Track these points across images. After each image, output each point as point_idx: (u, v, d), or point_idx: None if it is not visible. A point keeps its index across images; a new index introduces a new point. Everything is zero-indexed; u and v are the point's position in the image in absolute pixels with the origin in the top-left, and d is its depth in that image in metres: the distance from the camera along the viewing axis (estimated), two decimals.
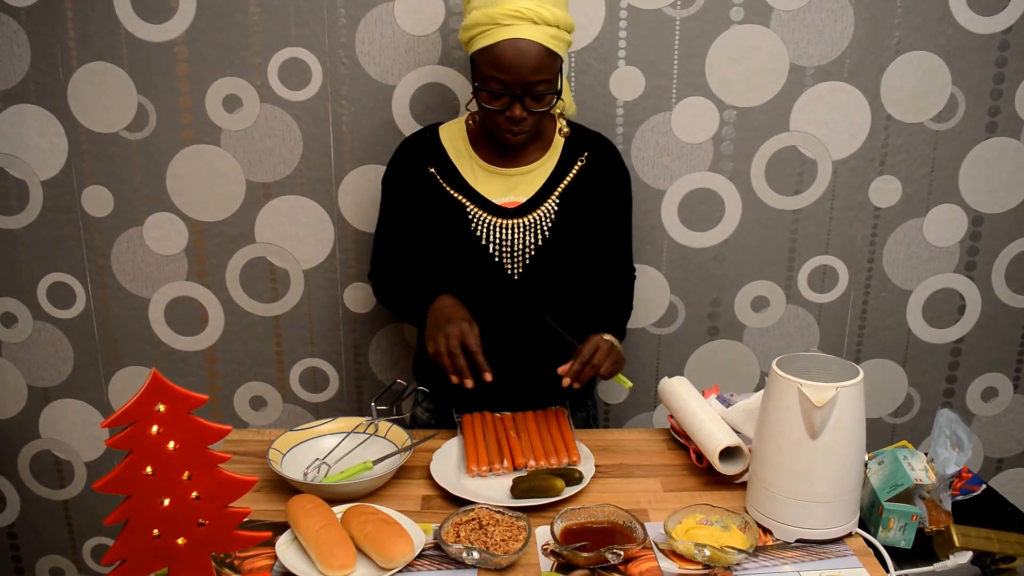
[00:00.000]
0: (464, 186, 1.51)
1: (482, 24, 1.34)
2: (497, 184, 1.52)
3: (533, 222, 1.51)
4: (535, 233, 1.51)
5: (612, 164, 1.57)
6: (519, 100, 1.37)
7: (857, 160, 1.83)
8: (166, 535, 1.00)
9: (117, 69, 1.74)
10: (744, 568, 1.13)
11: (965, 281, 1.93)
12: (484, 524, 1.17)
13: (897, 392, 2.01)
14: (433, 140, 1.55)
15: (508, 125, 1.41)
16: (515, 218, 1.51)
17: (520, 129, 1.42)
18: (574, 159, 1.54)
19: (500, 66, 1.34)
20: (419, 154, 1.55)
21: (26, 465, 2.05)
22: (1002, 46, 1.76)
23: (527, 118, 1.40)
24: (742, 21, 1.73)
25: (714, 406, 1.42)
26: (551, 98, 1.40)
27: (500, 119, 1.41)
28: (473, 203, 1.51)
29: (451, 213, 1.51)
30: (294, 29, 1.72)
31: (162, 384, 0.94)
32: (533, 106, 1.39)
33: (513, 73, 1.34)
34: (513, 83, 1.35)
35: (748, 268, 1.90)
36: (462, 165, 1.53)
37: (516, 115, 1.38)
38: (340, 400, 1.99)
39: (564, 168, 1.53)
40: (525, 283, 1.52)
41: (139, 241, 1.86)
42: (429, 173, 1.53)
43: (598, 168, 1.55)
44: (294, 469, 1.34)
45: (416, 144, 1.56)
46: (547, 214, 1.51)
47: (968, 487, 1.35)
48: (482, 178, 1.52)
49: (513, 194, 1.52)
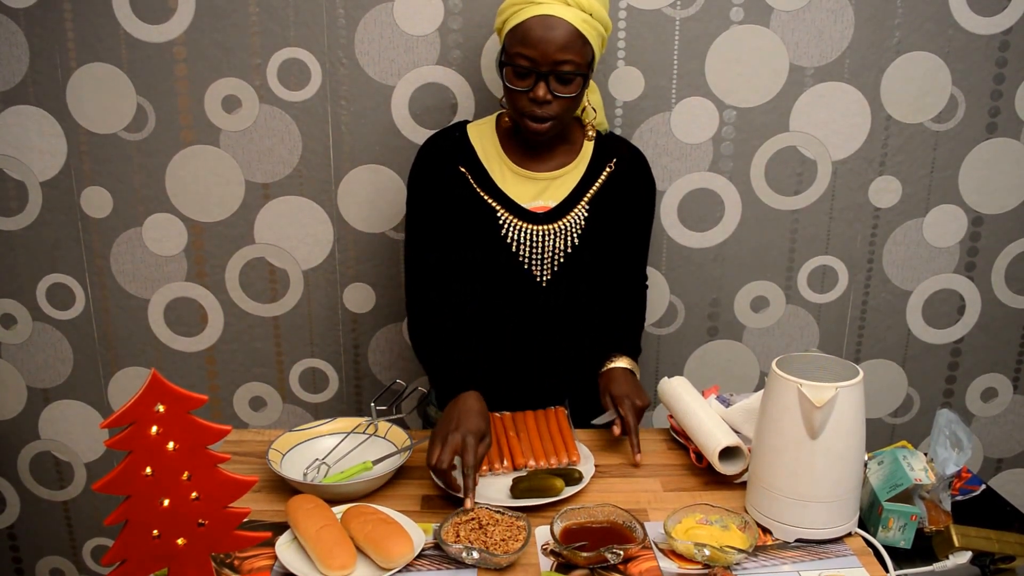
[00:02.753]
0: (494, 189, 1.48)
1: (516, 4, 1.34)
2: (527, 188, 1.49)
3: (564, 228, 1.48)
4: (565, 239, 1.48)
5: (640, 172, 1.56)
6: (544, 79, 1.35)
7: (857, 160, 1.83)
8: (166, 535, 1.00)
9: (116, 70, 1.74)
10: (744, 568, 1.13)
11: (965, 282, 1.93)
12: (484, 524, 1.17)
13: (897, 392, 2.01)
14: (462, 139, 1.51)
15: (531, 108, 1.37)
16: (546, 224, 1.48)
17: (544, 114, 1.37)
18: (603, 165, 1.52)
19: (527, 41, 1.33)
20: (449, 152, 1.50)
21: (26, 466, 2.05)
22: (1002, 47, 1.76)
23: (551, 102, 1.36)
24: (742, 21, 1.73)
25: (714, 406, 1.42)
26: (577, 85, 1.37)
27: (524, 102, 1.37)
28: (503, 207, 1.47)
29: (481, 217, 1.47)
30: (293, 29, 1.72)
31: (162, 384, 0.94)
32: (558, 89, 1.36)
33: (540, 48, 1.32)
34: (539, 59, 1.33)
35: (748, 268, 1.90)
36: (492, 167, 1.49)
37: (540, 95, 1.35)
38: (340, 400, 1.99)
39: (593, 173, 1.51)
40: (553, 289, 1.50)
41: (138, 242, 1.86)
42: (460, 172, 1.48)
43: (626, 175, 1.53)
44: (294, 469, 1.34)
45: (445, 142, 1.52)
46: (577, 220, 1.48)
47: (968, 487, 1.35)
48: (511, 181, 1.49)
49: (542, 198, 1.49)
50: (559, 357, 1.55)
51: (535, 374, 1.55)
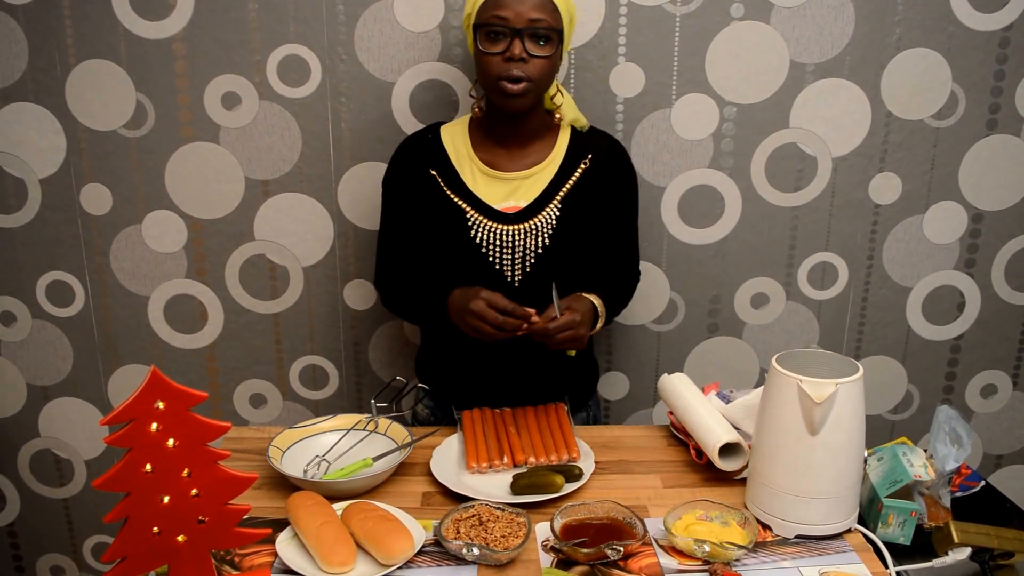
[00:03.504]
0: (464, 190, 1.50)
1: None
2: (497, 188, 1.50)
3: (534, 228, 1.48)
4: (536, 239, 1.49)
5: (618, 163, 1.55)
6: (519, 36, 1.37)
7: (857, 157, 1.83)
8: (166, 532, 1.00)
9: (115, 66, 1.74)
10: (743, 564, 1.13)
11: (965, 278, 1.93)
12: (484, 520, 1.17)
13: (897, 389, 2.01)
14: (434, 141, 1.54)
15: (507, 68, 1.38)
16: (515, 224, 1.49)
17: (520, 73, 1.38)
18: (577, 162, 1.52)
19: (501, 3, 1.37)
20: (420, 155, 1.53)
21: (26, 464, 2.05)
22: (1003, 43, 1.76)
23: (528, 60, 1.38)
24: (742, 18, 1.73)
25: (714, 402, 1.42)
26: (551, 47, 1.39)
27: (499, 64, 1.39)
28: (473, 208, 1.49)
29: (451, 217, 1.49)
30: (293, 26, 1.72)
31: (161, 381, 0.94)
32: (533, 49, 1.38)
33: (514, 8, 1.36)
34: (513, 18, 1.37)
35: (748, 265, 1.90)
36: (462, 168, 1.51)
37: (516, 53, 1.37)
38: (340, 397, 1.99)
39: (567, 172, 1.51)
40: (525, 290, 1.50)
41: (138, 239, 1.86)
42: (431, 175, 1.51)
43: (603, 169, 1.53)
44: (294, 466, 1.34)
45: (417, 144, 1.55)
46: (548, 220, 1.49)
47: (967, 483, 1.35)
48: (482, 182, 1.50)
49: (514, 199, 1.50)
50: (534, 356, 1.52)
51: (508, 372, 1.55)
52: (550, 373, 1.56)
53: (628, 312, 1.91)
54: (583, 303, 1.44)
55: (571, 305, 1.40)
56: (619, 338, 1.95)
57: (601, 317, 1.48)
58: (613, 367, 1.97)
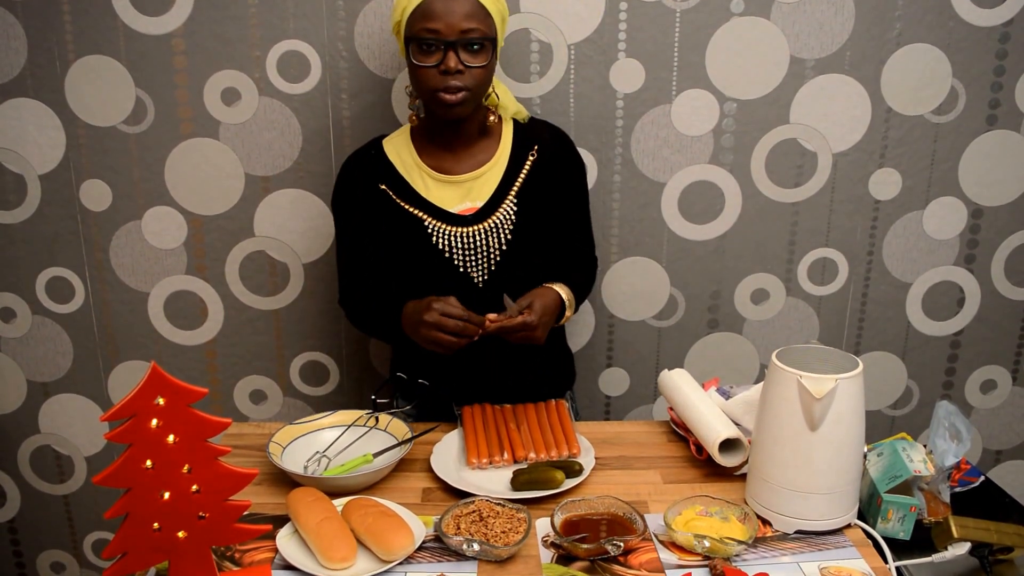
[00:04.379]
0: (418, 199, 1.49)
1: None
2: (451, 192, 1.49)
3: (493, 226, 1.48)
4: (497, 237, 1.48)
5: (565, 152, 1.55)
6: (452, 48, 1.35)
7: (857, 153, 1.83)
8: (166, 528, 1.00)
9: (114, 62, 1.74)
10: (743, 559, 1.13)
11: (964, 274, 1.93)
12: (484, 516, 1.17)
13: (896, 384, 2.01)
14: (379, 156, 1.52)
15: (443, 80, 1.36)
16: (474, 225, 1.48)
17: (456, 84, 1.36)
18: (524, 155, 1.51)
19: (431, 15, 1.34)
20: (368, 172, 1.52)
21: (26, 460, 2.05)
22: (1003, 39, 1.76)
23: (463, 71, 1.36)
24: (742, 13, 1.72)
25: (714, 398, 1.42)
26: (486, 55, 1.37)
27: (434, 77, 1.37)
28: (430, 215, 1.48)
29: (409, 228, 1.48)
30: (292, 22, 1.72)
31: (161, 377, 0.94)
32: (468, 59, 1.36)
33: (445, 20, 1.33)
34: (445, 30, 1.34)
35: (748, 261, 1.90)
36: (412, 178, 1.50)
37: (451, 66, 1.34)
38: (340, 393, 1.99)
39: (516, 166, 1.51)
40: (491, 289, 1.50)
41: (138, 235, 1.86)
42: (381, 190, 1.50)
43: (552, 159, 1.53)
44: (294, 462, 1.34)
45: (362, 162, 1.53)
46: (506, 216, 1.49)
47: (966, 479, 1.35)
48: (434, 188, 1.50)
49: (469, 199, 1.49)
50: (507, 353, 1.51)
51: (484, 373, 1.55)
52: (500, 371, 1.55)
53: (629, 308, 1.92)
54: (548, 295, 1.45)
55: (531, 303, 1.40)
56: (619, 334, 1.95)
57: (569, 306, 1.49)
58: (613, 363, 1.97)
